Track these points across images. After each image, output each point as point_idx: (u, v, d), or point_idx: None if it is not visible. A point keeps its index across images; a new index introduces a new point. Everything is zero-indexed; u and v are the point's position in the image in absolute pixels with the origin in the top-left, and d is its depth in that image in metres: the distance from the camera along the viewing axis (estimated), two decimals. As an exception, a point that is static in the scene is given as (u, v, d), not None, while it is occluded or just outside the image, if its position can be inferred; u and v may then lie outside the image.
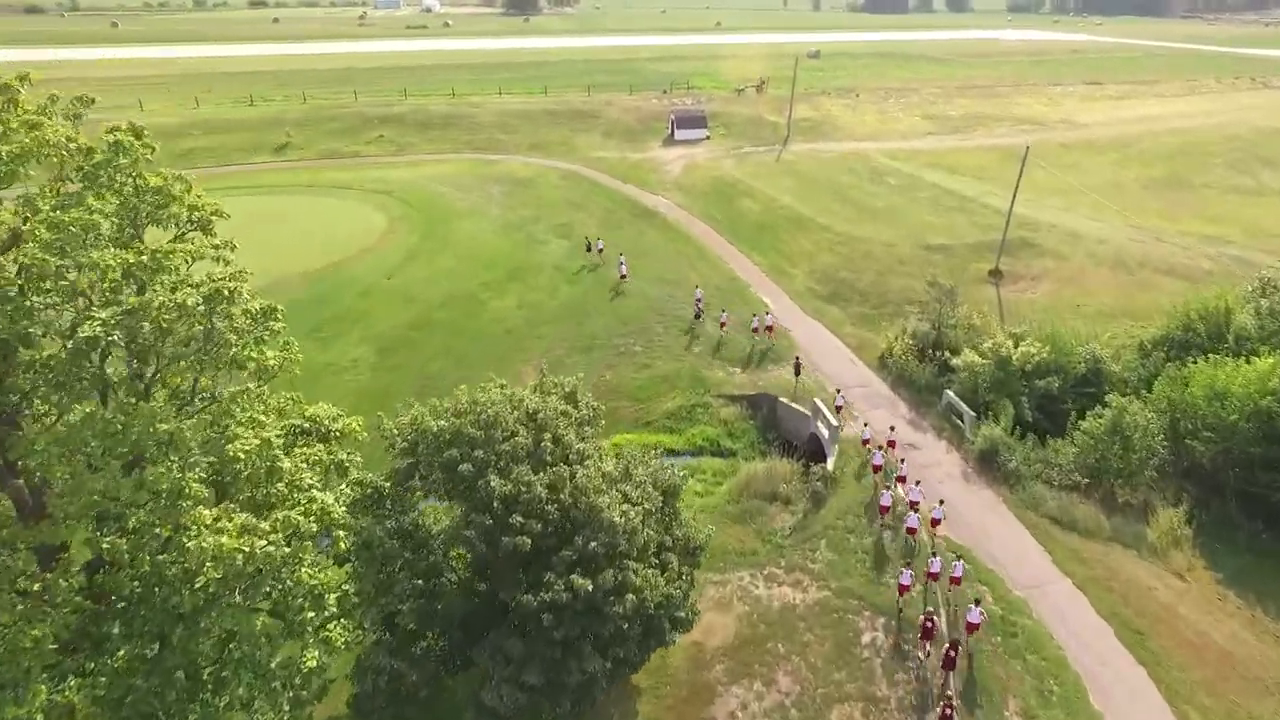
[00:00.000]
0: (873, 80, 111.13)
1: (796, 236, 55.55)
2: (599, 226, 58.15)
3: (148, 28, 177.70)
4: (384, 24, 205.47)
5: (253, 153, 73.63)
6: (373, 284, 47.62)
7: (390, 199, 61.91)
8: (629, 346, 41.89)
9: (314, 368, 39.18)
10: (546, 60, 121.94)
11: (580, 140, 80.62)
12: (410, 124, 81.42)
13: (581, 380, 22.74)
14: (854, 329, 43.48)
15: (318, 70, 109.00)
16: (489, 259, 51.99)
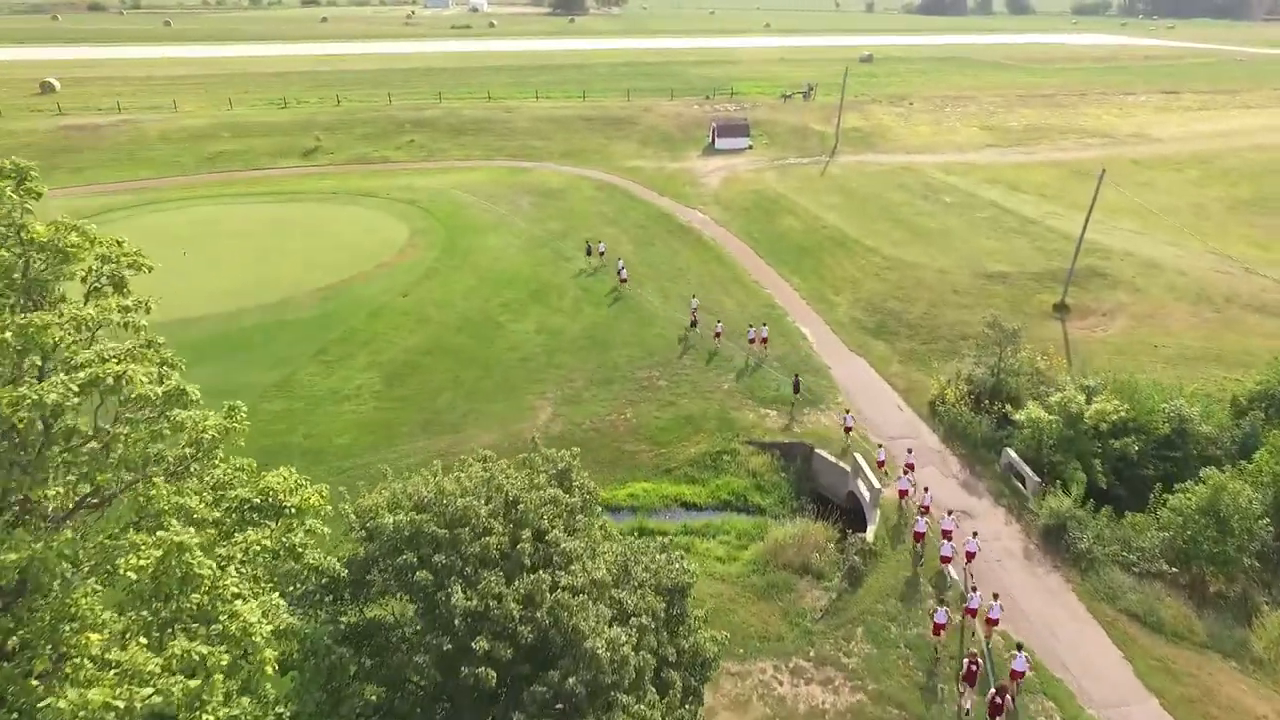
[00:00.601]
0: (928, 87, 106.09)
1: (841, 259, 51.74)
2: (631, 243, 55.20)
3: (199, 26, 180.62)
4: (430, 24, 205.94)
5: (281, 157, 72.49)
6: (386, 303, 45.35)
7: (414, 209, 59.82)
8: (653, 380, 38.77)
9: (315, 394, 37.06)
10: (587, 63, 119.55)
11: (616, 148, 77.77)
12: (442, 128, 79.58)
13: (576, 457, 19.61)
14: (902, 367, 39.63)
15: (356, 71, 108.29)
16: (511, 277, 49.38)
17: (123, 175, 67.09)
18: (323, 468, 32.41)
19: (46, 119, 75.61)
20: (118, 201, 60.35)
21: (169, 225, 55.55)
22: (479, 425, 35.36)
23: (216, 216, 57.21)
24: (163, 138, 72.88)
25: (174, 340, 40.37)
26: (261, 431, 34.50)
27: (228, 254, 50.69)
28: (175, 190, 63.75)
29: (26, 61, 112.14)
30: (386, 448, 33.80)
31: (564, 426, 35.51)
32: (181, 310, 43.28)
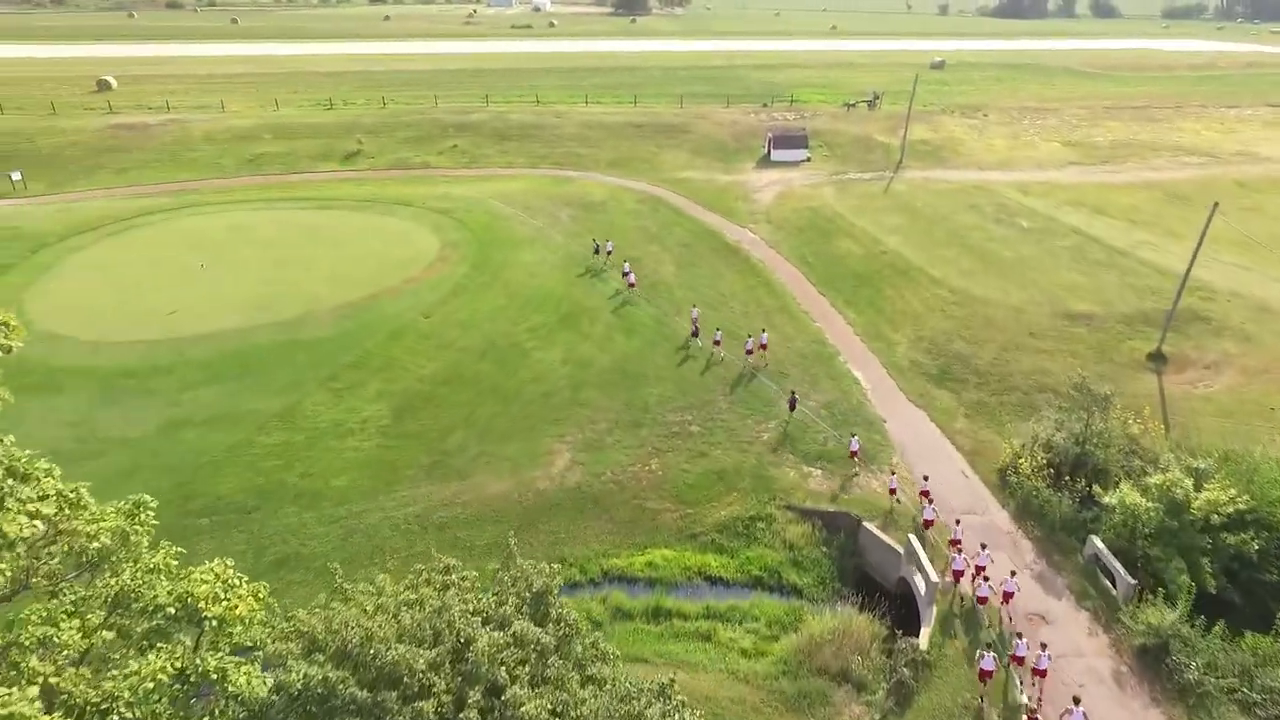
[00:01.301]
0: (1004, 97, 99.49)
1: (902, 290, 47.13)
2: (673, 263, 51.68)
3: (264, 24, 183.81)
4: (491, 23, 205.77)
5: (321, 160, 71.18)
6: (407, 324, 42.80)
7: (448, 220, 57.38)
8: (685, 425, 35.15)
9: (318, 426, 34.58)
10: (643, 65, 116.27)
11: (666, 158, 74.22)
12: (486, 133, 77.30)
13: (556, 576, 16.14)
14: (968, 423, 35.07)
15: (408, 71, 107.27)
16: (542, 298, 46.35)
17: (164, 176, 66.62)
18: (314, 514, 29.82)
19: (98, 117, 76.05)
20: (155, 204, 59.59)
21: (201, 230, 54.33)
22: (489, 471, 32.32)
23: (248, 223, 55.80)
24: (207, 138, 72.41)
25: (184, 358, 38.48)
26: (255, 468, 32.26)
27: (252, 264, 48.98)
28: (213, 193, 62.80)
29: (90, 58, 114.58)
30: (386, 493, 31.05)
31: (581, 476, 32.21)
32: (195, 325, 41.66)
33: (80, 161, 67.28)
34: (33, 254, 49.98)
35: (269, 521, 29.39)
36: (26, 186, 62.76)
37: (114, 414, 34.94)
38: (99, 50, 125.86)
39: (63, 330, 40.88)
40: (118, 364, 38.28)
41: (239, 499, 30.31)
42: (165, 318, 42.30)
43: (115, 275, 47.13)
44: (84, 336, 40.33)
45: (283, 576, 27.25)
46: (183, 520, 29.11)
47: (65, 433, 33.59)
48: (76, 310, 42.92)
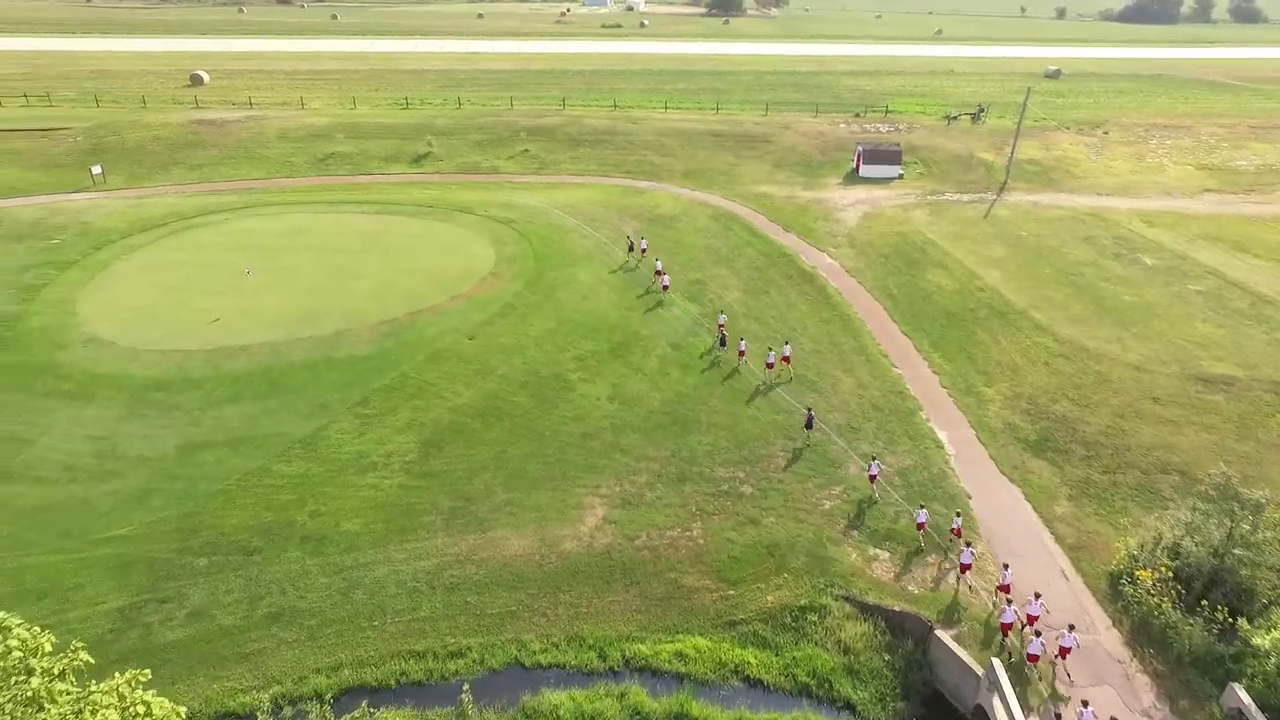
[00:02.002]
0: (1128, 112, 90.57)
1: (999, 335, 41.75)
2: (740, 288, 47.81)
3: (362, 20, 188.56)
4: (582, 22, 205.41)
5: (390, 162, 70.38)
6: (449, 346, 40.44)
7: (509, 230, 55.10)
8: (736, 484, 31.30)
9: (340, 458, 32.39)
10: (730, 70, 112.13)
11: (745, 170, 70.10)
12: (560, 138, 74.99)
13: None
14: (1072, 508, 29.86)
15: (489, 71, 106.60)
16: (595, 323, 43.28)
17: (236, 174, 67.10)
18: (319, 561, 27.49)
19: (183, 112, 77.79)
20: (219, 203, 59.74)
21: (259, 233, 53.82)
22: (512, 524, 29.33)
23: (305, 227, 54.99)
24: (282, 136, 72.82)
25: (217, 372, 36.96)
26: (267, 502, 30.26)
27: (302, 272, 47.81)
28: (278, 193, 62.63)
29: (191, 53, 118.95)
30: (399, 542, 28.47)
31: (613, 539, 28.82)
32: (231, 337, 40.45)
33: (159, 157, 68.55)
34: (95, 251, 50.37)
35: (270, 566, 27.23)
36: (106, 180, 64.19)
37: (137, 429, 33.78)
38: (201, 45, 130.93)
39: (106, 334, 40.42)
40: (151, 374, 37.32)
41: (243, 537, 28.32)
42: (207, 326, 41.34)
43: (167, 277, 46.76)
44: (124, 342, 39.70)
45: (275, 634, 24.98)
46: (181, 558, 27.35)
47: (86, 448, 32.58)
48: (123, 313, 42.51)
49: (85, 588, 26.06)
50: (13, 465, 31.53)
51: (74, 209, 57.41)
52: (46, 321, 41.68)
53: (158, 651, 24.06)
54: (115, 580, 26.41)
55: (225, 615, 25.52)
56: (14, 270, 47.28)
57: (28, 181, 63.40)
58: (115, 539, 28.18)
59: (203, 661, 24.00)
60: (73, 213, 56.54)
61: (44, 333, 40.66)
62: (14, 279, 46.17)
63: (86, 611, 25.21)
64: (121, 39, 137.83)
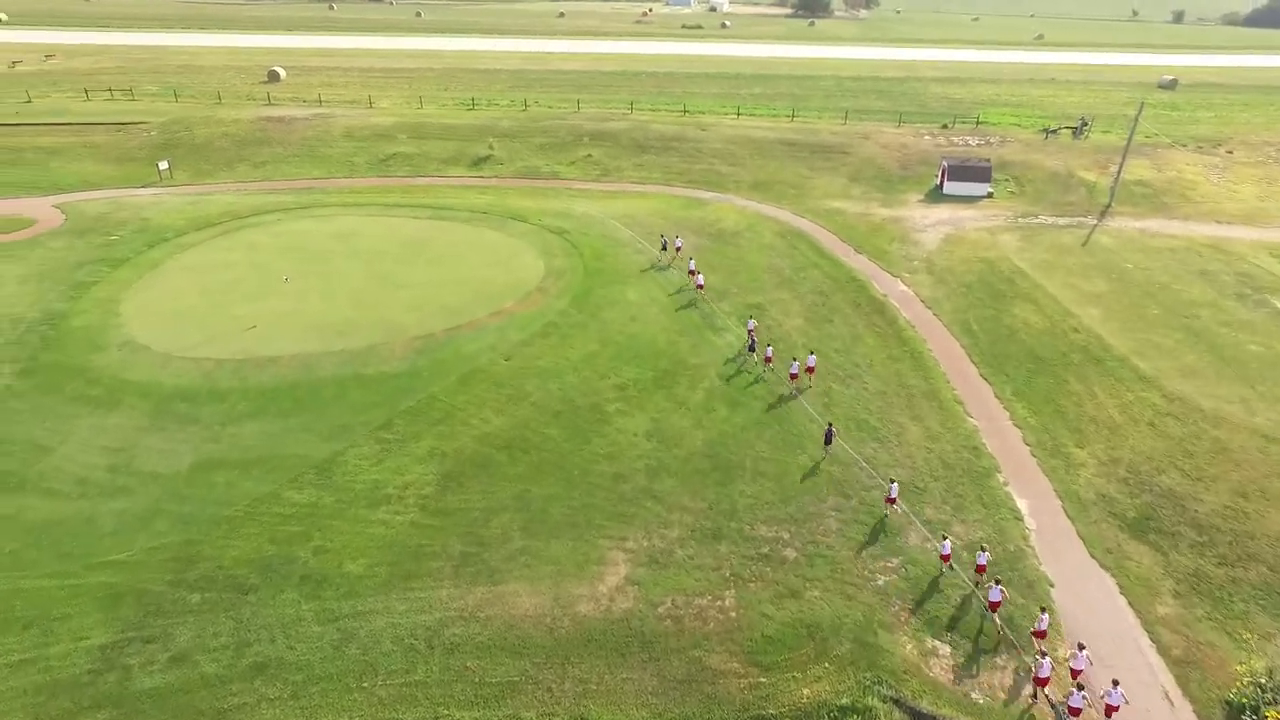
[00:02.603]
0: (1256, 129, 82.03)
1: (1094, 386, 36.96)
2: (802, 314, 44.25)
3: (444, 19, 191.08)
4: (662, 22, 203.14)
5: (450, 164, 69.28)
6: (483, 366, 38.34)
7: (561, 242, 52.87)
8: (778, 546, 28.00)
9: (354, 487, 30.54)
10: (810, 74, 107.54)
11: (817, 183, 66.07)
12: (625, 144, 72.51)
13: None
14: (1179, 608, 25.34)
15: (559, 72, 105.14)
16: (640, 348, 40.48)
17: (297, 172, 67.19)
18: (314, 606, 25.54)
19: (254, 109, 78.84)
20: (275, 202, 59.61)
21: (308, 235, 53.14)
22: (526, 576, 26.80)
23: (356, 230, 54.05)
24: (347, 135, 72.75)
25: (243, 384, 35.62)
26: (272, 533, 28.53)
27: (345, 279, 46.64)
28: (336, 193, 62.20)
29: (274, 49, 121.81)
30: (402, 589, 26.30)
31: (634, 603, 25.94)
32: (264, 346, 39.35)
33: (225, 153, 69.34)
34: (149, 249, 50.56)
35: (263, 608, 25.43)
36: (172, 176, 65.13)
37: (155, 442, 32.78)
38: (286, 41, 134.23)
39: (142, 337, 39.95)
40: (179, 383, 36.46)
41: (241, 573, 26.67)
42: (242, 333, 40.44)
43: (211, 279, 46.32)
44: (158, 347, 39.09)
45: (257, 688, 23.08)
46: (174, 592, 25.85)
47: (101, 460, 31.73)
48: (162, 316, 42.07)
49: (72, 619, 24.79)
50: (29, 474, 30.90)
51: (137, 204, 58.18)
52: (89, 321, 41.58)
53: (132, 700, 22.47)
54: (104, 613, 25.07)
55: (209, 662, 23.78)
56: (70, 266, 47.75)
57: (101, 175, 64.92)
58: (112, 564, 26.95)
59: (177, 715, 22.28)
60: (135, 208, 57.27)
61: (85, 333, 40.51)
62: (68, 275, 46.56)
63: (69, 647, 23.88)
64: (214, 34, 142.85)
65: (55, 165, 65.95)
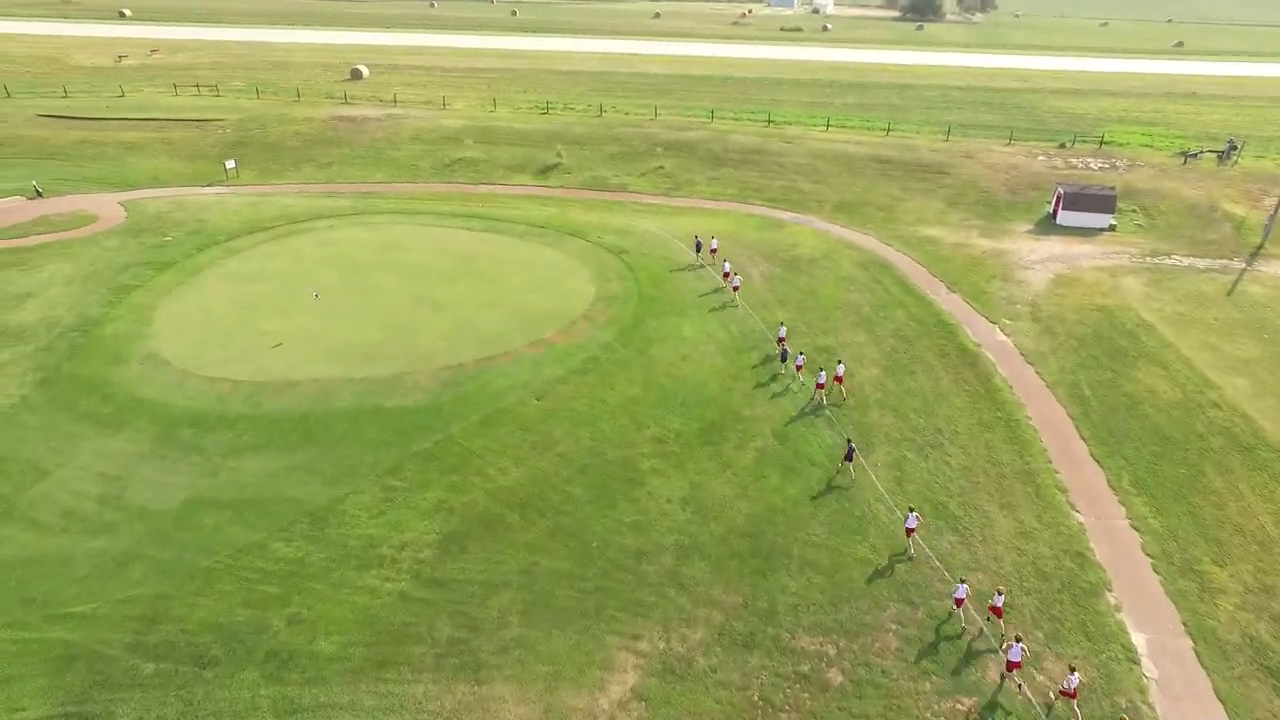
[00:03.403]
0: None
1: (1240, 483, 30.27)
2: (879, 362, 38.98)
3: (539, 17, 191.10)
4: (761, 24, 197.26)
5: (516, 171, 66.64)
6: (511, 406, 34.91)
7: (618, 263, 49.08)
8: (821, 665, 23.24)
9: (347, 544, 27.53)
10: (913, 83, 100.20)
11: (910, 206, 59.94)
12: (700, 155, 68.12)
13: None
14: (1353, 816, 19.24)
15: (644, 75, 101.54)
16: (689, 393, 36.19)
17: (360, 175, 65.97)
18: (273, 692, 22.44)
19: (328, 108, 78.56)
20: (332, 206, 58.21)
21: (356, 245, 51.18)
22: (516, 676, 23.01)
23: (404, 242, 51.77)
24: (415, 137, 71.24)
25: (256, 410, 33.17)
26: (247, 594, 25.56)
27: (382, 297, 44.20)
28: (394, 199, 60.44)
29: (364, 46, 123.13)
30: (373, 679, 22.92)
31: (638, 726, 21.78)
32: (284, 368, 37.10)
33: (294, 153, 68.91)
34: (197, 252, 49.68)
35: (218, 689, 22.53)
36: (239, 175, 64.96)
37: (152, 472, 30.76)
38: (377, 38, 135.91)
39: (166, 351, 38.44)
40: (190, 405, 34.53)
41: (204, 641, 23.91)
42: (266, 352, 38.41)
43: (248, 290, 44.74)
44: (179, 363, 37.45)
45: (191, 794, 20.20)
46: (129, 659, 23.28)
47: (95, 489, 29.89)
48: (191, 328, 40.57)
49: (14, 683, 22.51)
50: (19, 501, 29.29)
51: (198, 204, 57.90)
52: (120, 330, 40.50)
53: (51, 795, 19.97)
54: (50, 679, 22.71)
55: (145, 753, 21.09)
56: (117, 267, 47.25)
57: (172, 172, 65.44)
58: (75, 617, 24.70)
59: (97, 819, 19.60)
60: (196, 208, 56.94)
61: (113, 342, 39.36)
62: (113, 277, 45.98)
63: None
64: (313, 30, 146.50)
65: (132, 161, 66.96)
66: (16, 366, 37.24)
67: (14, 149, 68.16)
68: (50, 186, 60.12)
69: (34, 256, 48.64)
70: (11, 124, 72.36)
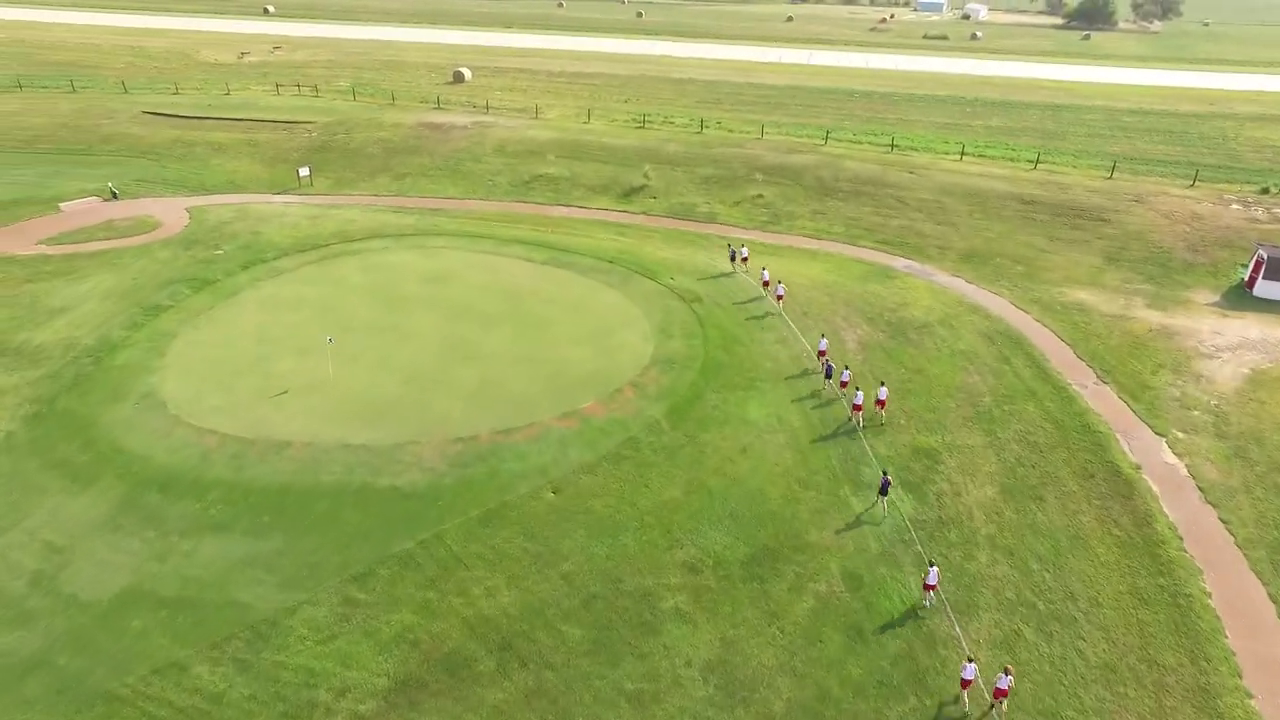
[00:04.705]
0: None
1: None
2: (996, 480, 30.77)
3: (664, 20, 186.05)
4: (902, 31, 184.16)
5: (596, 193, 61.04)
6: (521, 499, 29.11)
7: (688, 313, 42.45)
8: None
9: (278, 680, 22.47)
10: (1071, 103, 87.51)
11: (1056, 261, 49.90)
12: (806, 184, 60.20)
13: None
14: None
15: (756, 87, 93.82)
16: (741, 501, 29.27)
17: (433, 189, 62.33)
18: None
19: (420, 112, 75.86)
20: (394, 224, 54.52)
21: (402, 273, 46.81)
22: None
23: (454, 272, 47.07)
24: (498, 149, 67.06)
25: (234, 477, 28.00)
26: (138, 745, 21.20)
27: (410, 341, 39.41)
28: (459, 219, 56.18)
29: (471, 47, 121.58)
30: None
31: None
32: (281, 422, 32.97)
33: (372, 161, 66.24)
34: (241, 270, 46.90)
35: None
36: (312, 183, 62.81)
37: (100, 547, 26.97)
38: (490, 39, 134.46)
39: (166, 390, 35.12)
40: (168, 462, 30.74)
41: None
42: (268, 400, 34.35)
43: (276, 320, 41.15)
44: (174, 406, 33.96)
45: None
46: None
47: (32, 563, 26.34)
48: (200, 364, 37.18)
49: None
50: (-50, 570, 26.21)
51: (260, 214, 55.73)
52: (132, 359, 37.68)
53: None
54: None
55: None
56: (158, 284, 45.04)
57: (248, 176, 64.17)
58: (-57, 746, 20.94)
59: None
60: (256, 219, 54.75)
61: (119, 374, 36.50)
62: (149, 295, 43.68)
63: None
64: (435, 29, 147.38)
65: (216, 163, 66.31)
66: (16, 396, 34.92)
67: (111, 146, 69.17)
68: (128, 188, 59.84)
69: (85, 265, 47.37)
70: (117, 121, 73.84)
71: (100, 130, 71.72)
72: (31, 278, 45.60)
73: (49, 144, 69.44)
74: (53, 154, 67.28)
